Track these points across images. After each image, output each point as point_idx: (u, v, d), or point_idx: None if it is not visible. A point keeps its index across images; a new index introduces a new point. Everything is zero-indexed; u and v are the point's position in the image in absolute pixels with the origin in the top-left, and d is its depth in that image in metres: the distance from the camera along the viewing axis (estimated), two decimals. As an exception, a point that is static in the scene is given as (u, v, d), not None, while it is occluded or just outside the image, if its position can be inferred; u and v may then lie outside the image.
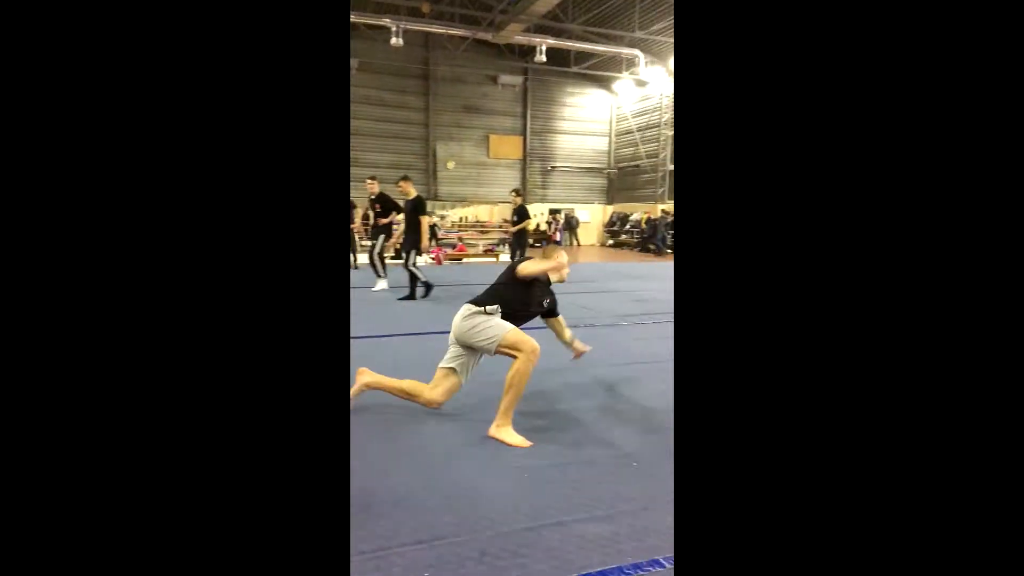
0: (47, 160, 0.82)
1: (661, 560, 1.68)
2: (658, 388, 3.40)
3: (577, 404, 3.09)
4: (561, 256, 2.81)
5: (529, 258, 2.85)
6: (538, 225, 20.53)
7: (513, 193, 9.80)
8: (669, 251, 16.01)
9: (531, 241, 19.30)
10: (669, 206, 18.02)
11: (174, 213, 0.86)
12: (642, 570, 1.64)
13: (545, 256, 2.85)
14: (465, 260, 13.81)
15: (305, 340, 0.90)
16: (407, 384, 2.79)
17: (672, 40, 16.12)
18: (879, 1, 0.85)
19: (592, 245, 21.24)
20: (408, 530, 1.81)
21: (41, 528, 0.81)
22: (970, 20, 0.82)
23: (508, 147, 20.89)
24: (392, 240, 7.37)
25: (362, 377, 2.86)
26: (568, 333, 3.14)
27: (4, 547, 0.80)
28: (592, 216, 21.87)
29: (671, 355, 3.83)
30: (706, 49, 0.92)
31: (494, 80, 20.24)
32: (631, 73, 18.71)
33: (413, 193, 6.49)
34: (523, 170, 21.22)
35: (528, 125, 20.95)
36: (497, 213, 20.18)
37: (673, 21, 15.24)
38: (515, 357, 2.56)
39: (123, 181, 0.85)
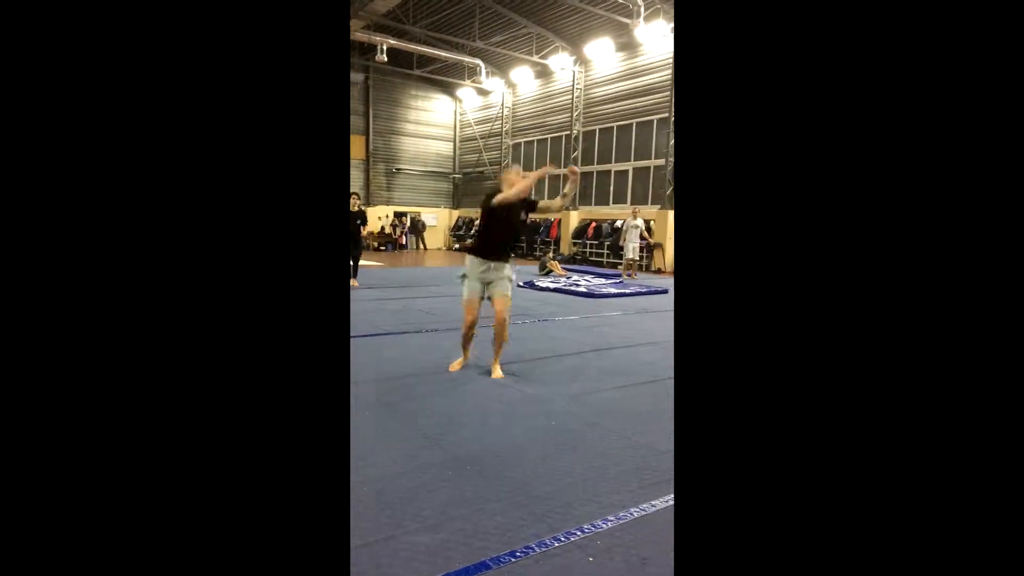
0: (46, 161, 0.82)
1: (487, 562, 1.73)
2: (495, 392, 3.50)
3: (409, 407, 3.08)
4: (515, 175, 3.65)
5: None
6: (383, 228, 20.06)
7: (354, 196, 9.45)
8: (531, 256, 16.60)
9: (374, 245, 18.80)
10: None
11: (175, 213, 0.86)
12: (469, 574, 1.68)
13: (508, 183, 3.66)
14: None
15: (305, 339, 0.90)
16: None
17: (511, 53, 16.75)
18: (879, 1, 0.84)
19: (439, 249, 21.28)
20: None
21: (41, 525, 0.81)
22: (970, 20, 0.80)
23: (351, 147, 20.13)
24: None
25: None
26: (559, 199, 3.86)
27: (4, 547, 0.80)
28: (439, 220, 21.91)
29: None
30: (705, 48, 0.91)
31: (334, 76, 19.34)
32: (473, 81, 19.08)
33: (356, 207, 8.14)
34: (366, 171, 20.60)
35: (371, 125, 20.39)
36: (339, 215, 19.26)
37: (507, 37, 15.95)
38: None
39: (121, 182, 0.85)
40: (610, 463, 2.48)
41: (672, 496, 2.19)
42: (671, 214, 13.98)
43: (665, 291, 8.98)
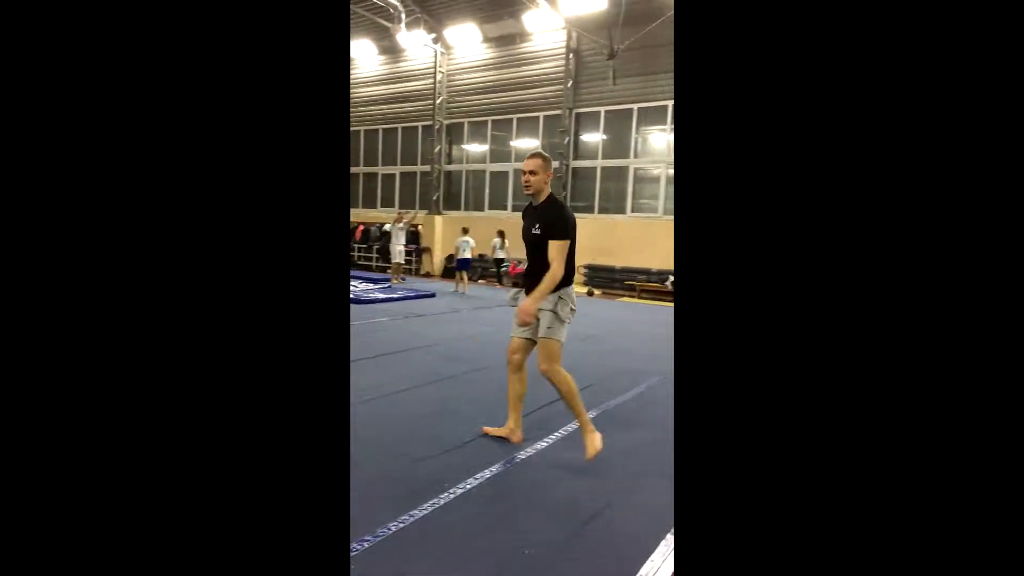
0: (47, 162, 0.84)
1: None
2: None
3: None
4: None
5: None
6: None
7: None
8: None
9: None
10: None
11: (176, 213, 0.87)
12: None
13: None
14: None
15: (306, 337, 0.91)
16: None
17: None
18: (879, 2, 0.84)
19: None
20: None
21: (42, 524, 0.82)
22: (970, 20, 0.80)
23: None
24: None
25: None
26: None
27: (4, 547, 0.81)
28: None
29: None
30: (706, 54, 0.91)
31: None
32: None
33: None
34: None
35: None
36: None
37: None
38: None
39: (121, 183, 0.86)
40: (366, 479, 2.45)
41: (425, 509, 2.25)
42: (439, 219, 14.38)
43: (433, 295, 9.21)
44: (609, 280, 11.60)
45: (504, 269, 12.66)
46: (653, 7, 10.73)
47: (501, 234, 11.80)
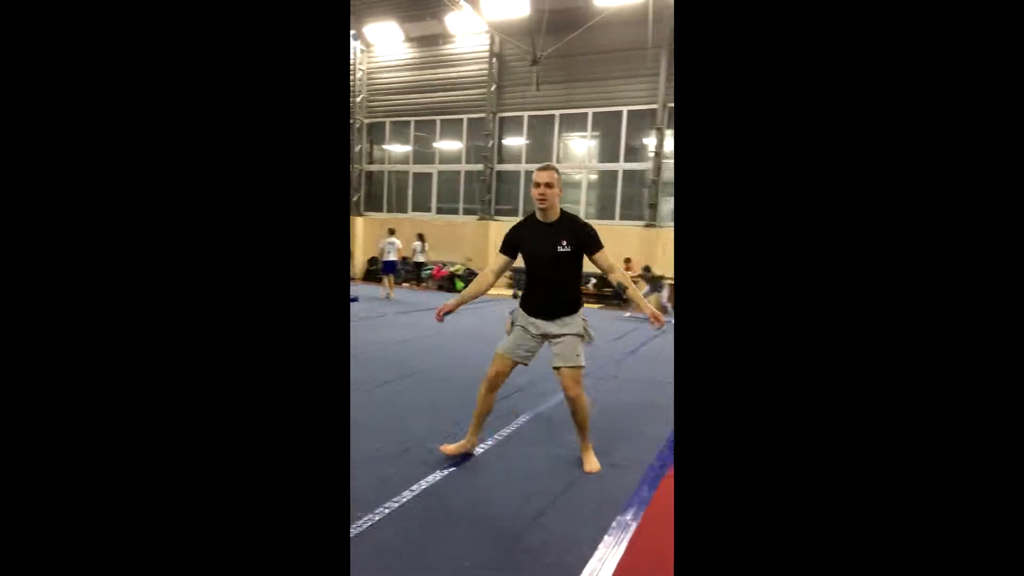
0: (47, 162, 0.84)
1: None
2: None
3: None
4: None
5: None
6: None
7: None
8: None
9: None
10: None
11: (176, 214, 0.88)
12: None
13: None
14: None
15: (306, 337, 0.92)
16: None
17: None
18: (879, 2, 0.83)
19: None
20: None
21: (42, 526, 0.83)
22: (969, 20, 0.80)
23: None
24: None
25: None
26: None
27: (4, 547, 0.82)
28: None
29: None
30: (706, 51, 0.90)
31: None
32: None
33: None
34: None
35: None
36: None
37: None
38: None
39: (120, 183, 0.87)
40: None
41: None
42: (360, 221, 13.98)
43: (356, 299, 8.94)
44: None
45: (428, 273, 12.51)
46: (574, 17, 11.00)
47: (421, 237, 11.64)
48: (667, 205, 11.45)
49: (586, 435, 2.82)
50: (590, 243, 2.66)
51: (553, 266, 2.66)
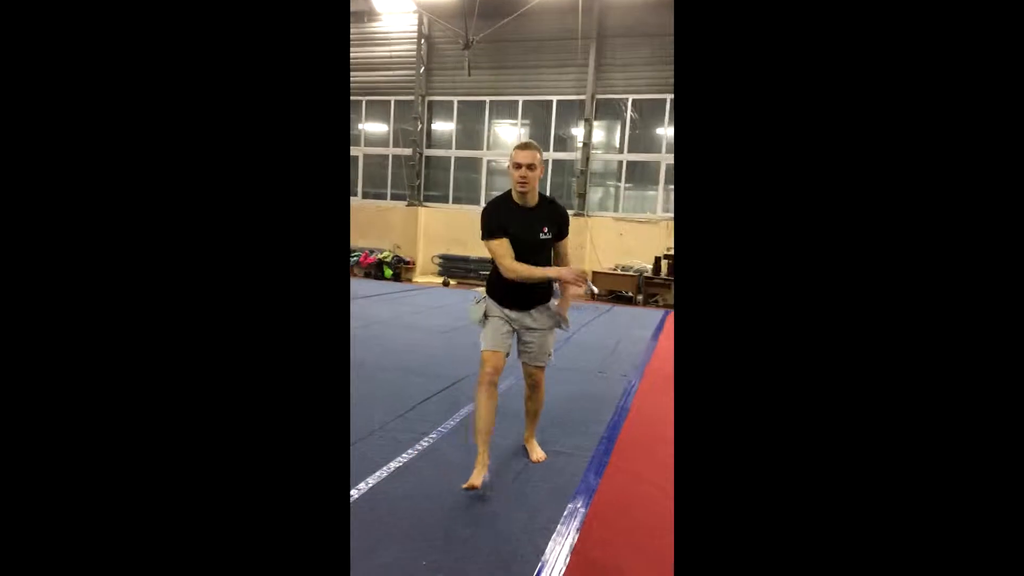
0: (48, 162, 0.85)
1: None
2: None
3: None
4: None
5: None
6: None
7: None
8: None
9: None
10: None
11: (178, 214, 0.88)
12: None
13: None
14: None
15: (306, 336, 0.92)
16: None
17: None
18: (879, 2, 0.82)
19: None
20: None
21: (42, 527, 0.83)
22: (969, 20, 0.80)
23: None
24: None
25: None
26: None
27: (4, 547, 0.82)
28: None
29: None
30: (706, 51, 0.89)
31: None
32: None
33: None
34: None
35: None
36: None
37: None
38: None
39: (120, 183, 0.87)
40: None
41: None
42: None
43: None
44: (464, 271, 11.71)
45: (355, 259, 12.17)
46: (506, 2, 10.94)
47: None
48: (595, 195, 11.73)
49: (535, 422, 2.87)
50: (565, 230, 2.57)
51: (534, 253, 2.46)
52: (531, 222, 2.45)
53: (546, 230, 2.47)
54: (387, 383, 4.04)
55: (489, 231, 2.44)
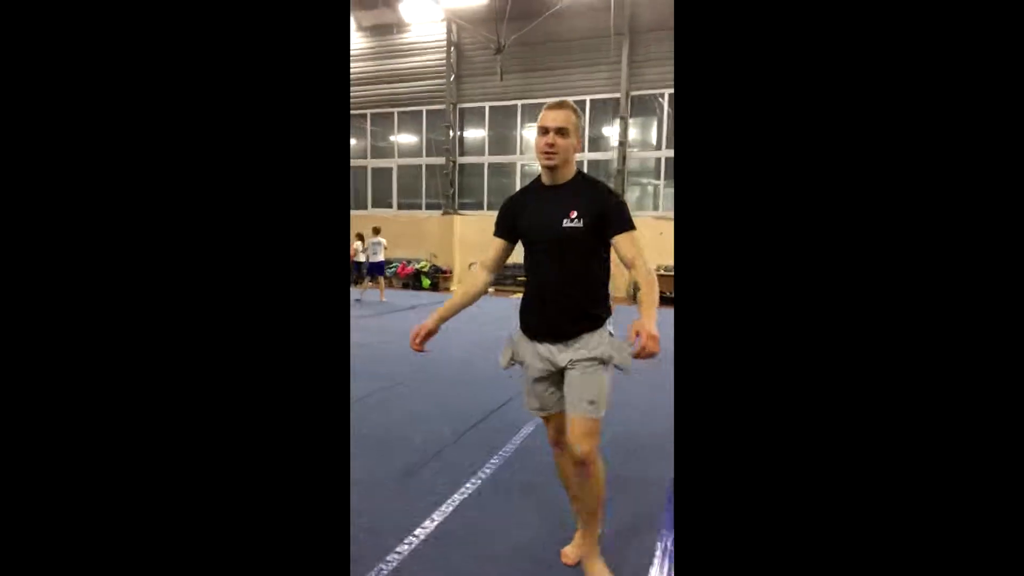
0: (47, 162, 0.84)
1: None
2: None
3: None
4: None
5: None
6: None
7: None
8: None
9: None
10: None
11: (177, 214, 0.88)
12: None
13: None
14: None
15: (306, 336, 0.91)
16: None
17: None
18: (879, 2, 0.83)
19: None
20: None
21: (42, 528, 0.83)
22: (969, 20, 0.80)
23: None
24: None
25: None
26: None
27: (4, 547, 0.81)
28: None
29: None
30: (706, 50, 0.90)
31: None
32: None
33: None
34: None
35: None
36: None
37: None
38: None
39: (120, 182, 0.87)
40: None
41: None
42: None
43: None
44: (502, 277, 11.60)
45: (393, 271, 12.16)
46: (534, 4, 10.84)
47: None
48: (632, 194, 11.49)
49: (594, 523, 1.84)
50: (613, 218, 1.69)
51: (557, 250, 1.71)
52: (553, 206, 1.71)
53: (574, 215, 1.67)
54: (453, 394, 3.89)
55: (496, 223, 1.87)
